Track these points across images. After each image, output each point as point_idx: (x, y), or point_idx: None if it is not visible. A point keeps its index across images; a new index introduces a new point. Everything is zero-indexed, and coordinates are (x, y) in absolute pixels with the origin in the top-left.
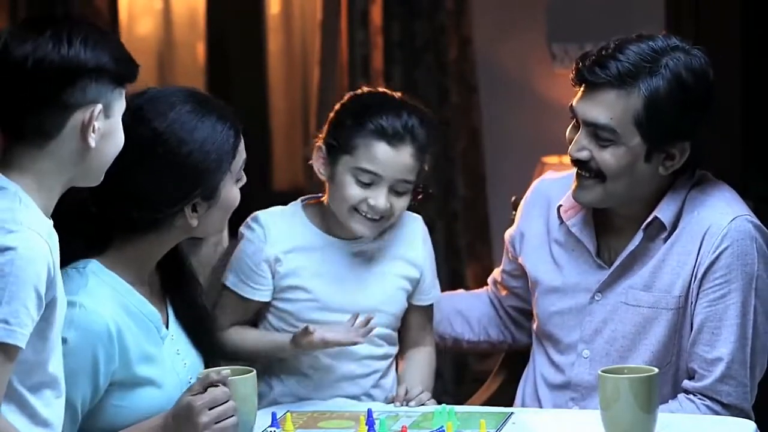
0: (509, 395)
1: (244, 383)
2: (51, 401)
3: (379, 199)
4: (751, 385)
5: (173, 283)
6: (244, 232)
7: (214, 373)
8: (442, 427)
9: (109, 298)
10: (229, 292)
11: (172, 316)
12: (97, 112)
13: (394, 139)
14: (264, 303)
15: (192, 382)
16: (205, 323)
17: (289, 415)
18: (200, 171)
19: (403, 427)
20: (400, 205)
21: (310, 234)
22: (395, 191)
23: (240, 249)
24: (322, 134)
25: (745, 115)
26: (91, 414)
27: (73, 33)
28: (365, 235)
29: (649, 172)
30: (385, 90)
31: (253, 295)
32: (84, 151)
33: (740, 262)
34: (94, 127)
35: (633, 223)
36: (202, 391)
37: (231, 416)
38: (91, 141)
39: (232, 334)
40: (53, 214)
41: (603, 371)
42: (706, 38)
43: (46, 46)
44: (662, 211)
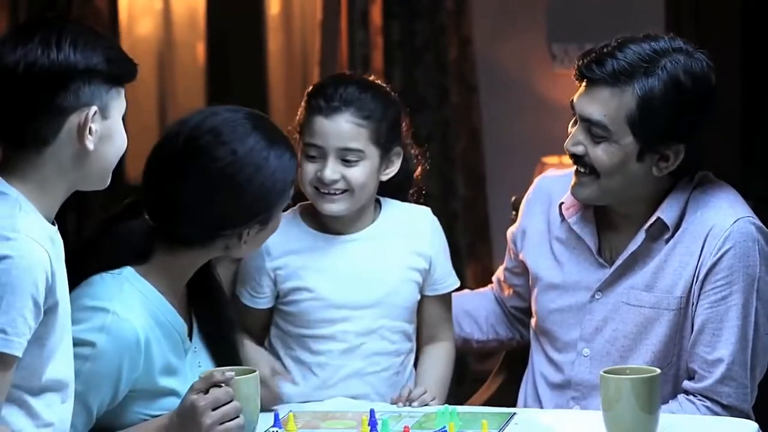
0: (509, 395)
1: (247, 383)
2: (55, 404)
3: (326, 170)
4: (752, 386)
5: (200, 296)
6: None
7: (219, 373)
8: (445, 427)
9: (141, 307)
10: (238, 300)
11: (196, 329)
12: (92, 114)
13: (328, 110)
14: (267, 310)
15: None
16: (228, 338)
17: (291, 416)
18: (268, 198)
19: (405, 428)
20: (355, 174)
21: (306, 235)
22: (344, 160)
23: (243, 258)
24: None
25: (745, 115)
26: (113, 418)
27: (63, 36)
28: (334, 213)
29: (643, 172)
30: (342, 72)
31: (253, 303)
32: (83, 154)
33: (742, 263)
34: (90, 130)
35: (634, 223)
36: (206, 391)
37: (235, 417)
38: (89, 144)
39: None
40: (106, 219)
41: (605, 372)
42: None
43: (36, 51)
44: (665, 212)
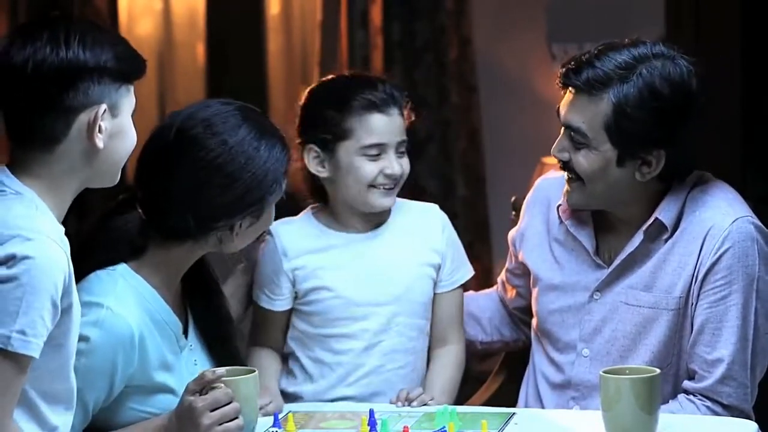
0: (509, 395)
1: (246, 384)
2: (61, 412)
3: (393, 165)
4: (752, 386)
5: (196, 293)
6: (260, 246)
7: (210, 372)
8: (444, 427)
9: (135, 303)
10: (256, 306)
11: (192, 326)
12: (102, 113)
13: (384, 107)
14: (285, 313)
15: None
16: (225, 335)
17: (291, 416)
18: (260, 189)
19: (405, 428)
20: (407, 164)
21: (323, 234)
22: (399, 153)
23: (259, 262)
24: (298, 139)
25: (745, 115)
26: (109, 414)
27: (71, 33)
28: (386, 206)
29: (626, 177)
30: (333, 75)
31: (271, 305)
32: (93, 152)
33: (741, 263)
34: (100, 128)
35: (632, 225)
36: (199, 391)
37: (235, 418)
38: (99, 142)
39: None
40: (101, 215)
41: (604, 372)
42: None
43: (45, 49)
44: (663, 213)
